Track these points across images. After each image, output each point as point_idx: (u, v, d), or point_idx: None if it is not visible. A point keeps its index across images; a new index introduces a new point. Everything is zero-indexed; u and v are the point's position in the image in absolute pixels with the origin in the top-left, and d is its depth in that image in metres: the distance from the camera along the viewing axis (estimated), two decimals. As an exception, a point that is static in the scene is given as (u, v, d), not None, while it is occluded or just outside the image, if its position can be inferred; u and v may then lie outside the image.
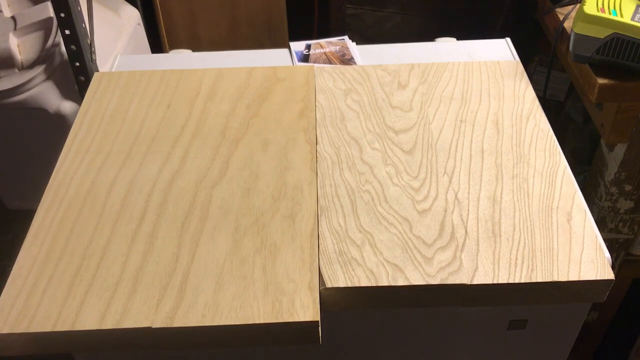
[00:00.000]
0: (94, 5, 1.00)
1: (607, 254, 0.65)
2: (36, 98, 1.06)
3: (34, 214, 0.70)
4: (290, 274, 0.62)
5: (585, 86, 0.94)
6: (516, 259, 0.64)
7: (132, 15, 1.29)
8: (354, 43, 1.02)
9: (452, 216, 0.68)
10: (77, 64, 1.02)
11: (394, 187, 0.72)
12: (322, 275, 0.63)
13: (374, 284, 0.62)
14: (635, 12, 0.86)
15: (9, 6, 1.11)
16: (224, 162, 0.76)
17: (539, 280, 0.62)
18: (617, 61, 0.88)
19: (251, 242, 0.66)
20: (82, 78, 1.04)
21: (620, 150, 0.99)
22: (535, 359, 0.76)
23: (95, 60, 1.04)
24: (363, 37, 1.55)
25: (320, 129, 0.81)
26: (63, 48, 1.04)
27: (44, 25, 1.08)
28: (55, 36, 1.06)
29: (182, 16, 1.47)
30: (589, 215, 0.69)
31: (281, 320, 0.59)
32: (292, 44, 1.02)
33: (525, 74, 0.90)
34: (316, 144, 0.79)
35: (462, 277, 0.62)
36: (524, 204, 0.70)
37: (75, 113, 0.86)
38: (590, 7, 0.87)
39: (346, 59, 0.98)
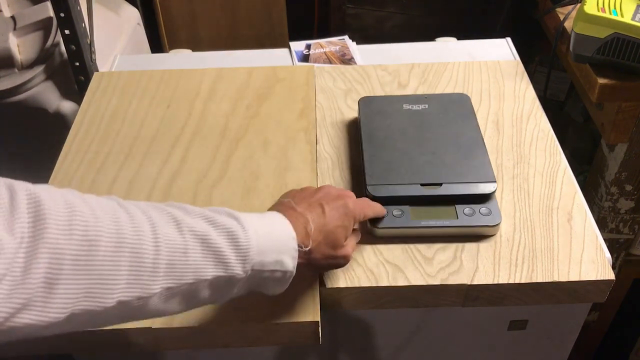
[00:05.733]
0: (94, 5, 1.00)
1: (608, 254, 0.65)
2: (36, 98, 1.06)
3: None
4: (290, 274, 0.62)
5: (585, 86, 0.94)
6: (516, 259, 0.64)
7: (132, 15, 1.28)
8: (354, 43, 1.02)
9: (453, 216, 0.68)
10: (77, 63, 1.02)
11: (394, 187, 0.72)
12: (322, 275, 0.63)
13: (374, 284, 0.62)
14: (636, 12, 0.86)
15: (8, 6, 1.11)
16: (224, 162, 0.76)
17: (539, 280, 0.62)
18: (617, 61, 0.88)
19: (251, 242, 0.65)
20: (82, 78, 1.03)
21: (620, 150, 0.99)
22: (535, 359, 0.76)
23: (95, 60, 1.04)
24: (363, 37, 1.55)
25: (320, 129, 0.81)
26: (63, 48, 1.04)
27: (44, 25, 1.07)
28: (55, 36, 1.06)
29: (182, 16, 1.47)
30: (590, 215, 0.69)
31: (281, 321, 0.58)
32: (292, 44, 1.02)
33: (525, 73, 0.90)
34: (316, 144, 0.78)
35: (463, 277, 0.62)
36: (524, 204, 0.69)
37: (75, 113, 0.85)
38: (590, 7, 0.87)
39: (346, 59, 0.98)
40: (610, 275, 0.62)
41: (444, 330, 0.71)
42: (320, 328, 0.59)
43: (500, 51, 0.98)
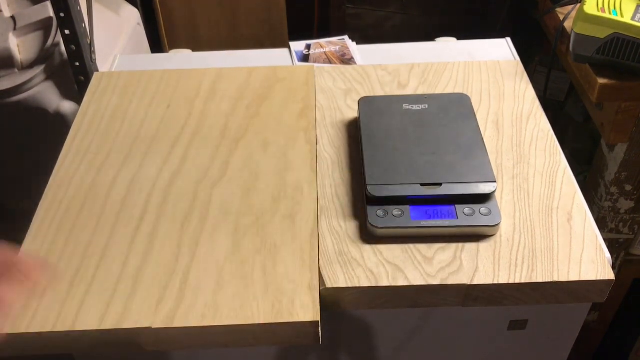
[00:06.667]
0: (94, 5, 1.00)
1: (608, 254, 0.65)
2: (36, 98, 1.06)
3: (34, 214, 0.70)
4: (290, 274, 0.62)
5: (585, 86, 0.94)
6: (516, 259, 0.64)
7: (132, 15, 1.28)
8: (354, 43, 1.02)
9: (452, 216, 0.68)
10: (77, 63, 1.02)
11: (394, 187, 0.72)
12: (322, 275, 0.63)
13: (374, 284, 0.62)
14: (636, 12, 0.86)
15: (8, 6, 1.11)
16: (224, 162, 0.76)
17: (539, 280, 0.62)
18: (617, 61, 0.88)
19: (251, 243, 0.66)
20: (82, 78, 1.04)
21: (620, 150, 0.99)
22: (535, 359, 0.76)
23: (95, 60, 1.04)
24: (363, 37, 1.55)
25: (320, 129, 0.81)
26: (63, 48, 1.04)
27: (44, 25, 1.07)
28: (55, 36, 1.06)
29: (182, 16, 1.47)
30: (589, 215, 0.69)
31: (281, 321, 0.58)
32: (292, 44, 1.02)
33: (525, 73, 0.90)
34: (316, 144, 0.78)
35: (462, 277, 0.62)
36: (524, 204, 0.70)
37: (75, 113, 0.85)
38: (590, 7, 0.87)
39: (346, 59, 0.98)
40: (610, 275, 0.62)
41: (444, 330, 0.71)
42: (320, 328, 0.59)
43: (500, 51, 0.98)
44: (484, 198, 0.67)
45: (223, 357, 0.71)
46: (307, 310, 0.59)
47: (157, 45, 1.47)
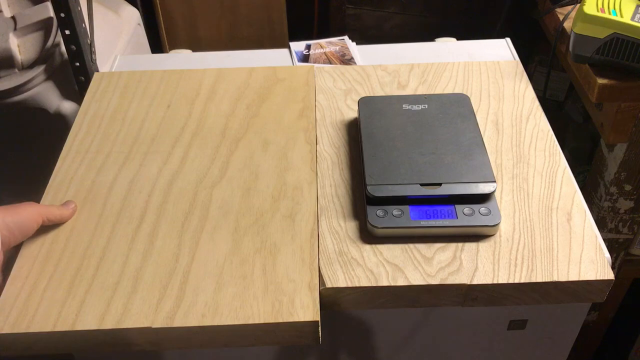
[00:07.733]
0: (94, 5, 1.00)
1: (607, 254, 0.65)
2: (36, 98, 1.06)
3: (34, 214, 0.70)
4: (290, 274, 0.62)
5: (585, 86, 0.94)
6: (516, 259, 0.64)
7: (132, 15, 1.28)
8: (354, 43, 1.02)
9: (452, 216, 0.68)
10: (77, 64, 1.02)
11: (394, 187, 0.72)
12: (322, 275, 0.63)
13: (374, 284, 0.62)
14: (635, 12, 0.86)
15: (9, 6, 1.12)
16: (224, 162, 0.76)
17: (539, 280, 0.62)
18: (617, 61, 0.88)
19: (251, 242, 0.66)
20: (82, 78, 1.04)
21: (620, 150, 0.99)
22: (535, 359, 0.76)
23: (95, 60, 1.04)
24: (363, 37, 1.55)
25: (320, 129, 0.81)
26: (63, 48, 1.04)
27: (44, 25, 1.08)
28: (55, 36, 1.06)
29: (182, 16, 1.47)
30: (589, 215, 0.69)
31: (281, 320, 0.59)
32: (292, 44, 1.02)
33: (525, 74, 0.90)
34: (316, 144, 0.79)
35: (462, 277, 0.62)
36: (524, 204, 0.70)
37: (75, 113, 0.86)
38: (590, 7, 0.87)
39: (346, 59, 0.98)
40: (609, 275, 0.62)
41: (444, 330, 0.71)
42: (320, 328, 0.59)
43: (499, 51, 0.98)
44: (483, 198, 0.67)
45: (223, 357, 0.71)
46: (307, 310, 0.59)
47: (157, 45, 1.47)
